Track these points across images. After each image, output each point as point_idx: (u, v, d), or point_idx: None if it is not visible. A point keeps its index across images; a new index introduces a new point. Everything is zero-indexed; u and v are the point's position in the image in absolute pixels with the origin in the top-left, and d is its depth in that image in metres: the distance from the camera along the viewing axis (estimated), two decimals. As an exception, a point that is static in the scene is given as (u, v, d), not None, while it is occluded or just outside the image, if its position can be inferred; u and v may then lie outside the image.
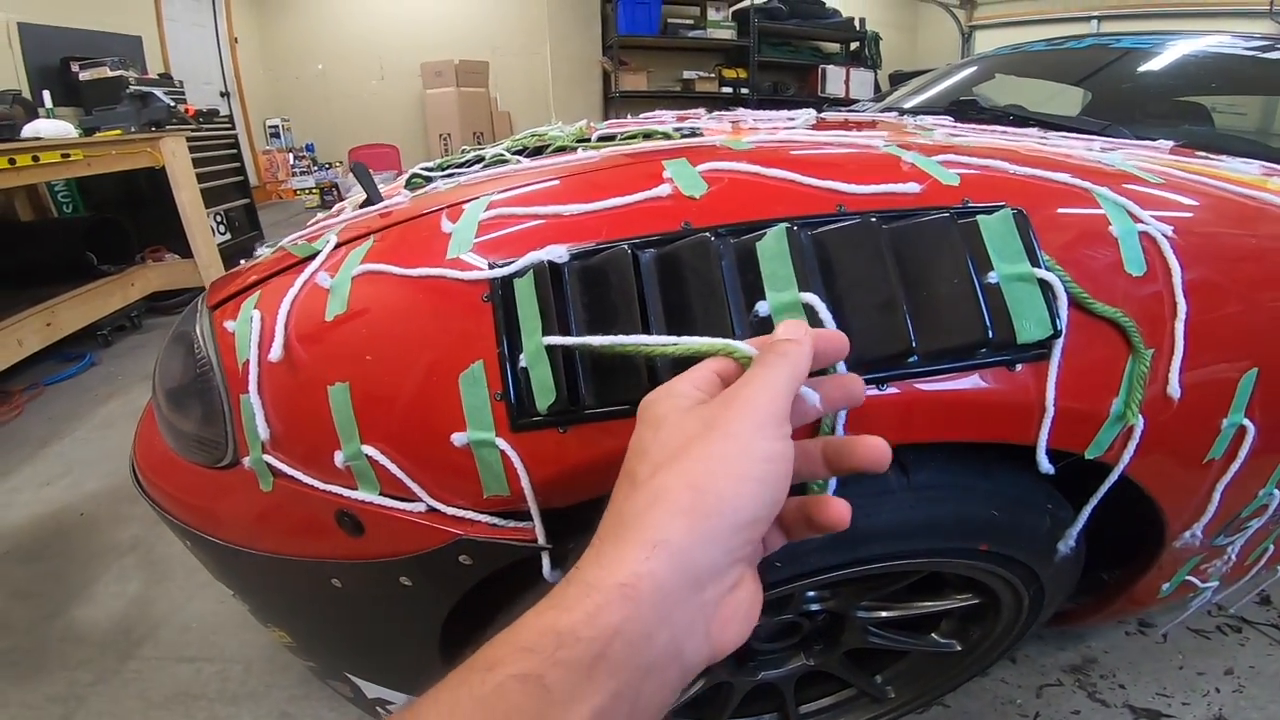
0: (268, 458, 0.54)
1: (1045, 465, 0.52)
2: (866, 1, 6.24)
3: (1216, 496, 0.63)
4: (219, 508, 0.61)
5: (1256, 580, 0.93)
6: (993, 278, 0.47)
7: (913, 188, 0.52)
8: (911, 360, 0.46)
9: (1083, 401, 0.51)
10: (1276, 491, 0.68)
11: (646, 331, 0.44)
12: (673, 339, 0.38)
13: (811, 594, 0.70)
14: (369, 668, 0.72)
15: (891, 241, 0.47)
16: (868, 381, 0.46)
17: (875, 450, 0.33)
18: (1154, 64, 1.38)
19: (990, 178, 0.57)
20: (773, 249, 0.45)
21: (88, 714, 1.00)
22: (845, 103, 5.35)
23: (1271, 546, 0.82)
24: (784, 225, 0.46)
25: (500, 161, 0.85)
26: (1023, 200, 0.52)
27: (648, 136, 0.84)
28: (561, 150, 0.84)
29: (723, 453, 0.27)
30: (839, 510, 0.32)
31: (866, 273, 0.45)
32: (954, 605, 0.74)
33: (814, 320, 0.43)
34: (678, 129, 0.87)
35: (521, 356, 0.45)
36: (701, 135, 0.85)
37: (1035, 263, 0.48)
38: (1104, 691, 0.98)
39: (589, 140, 0.88)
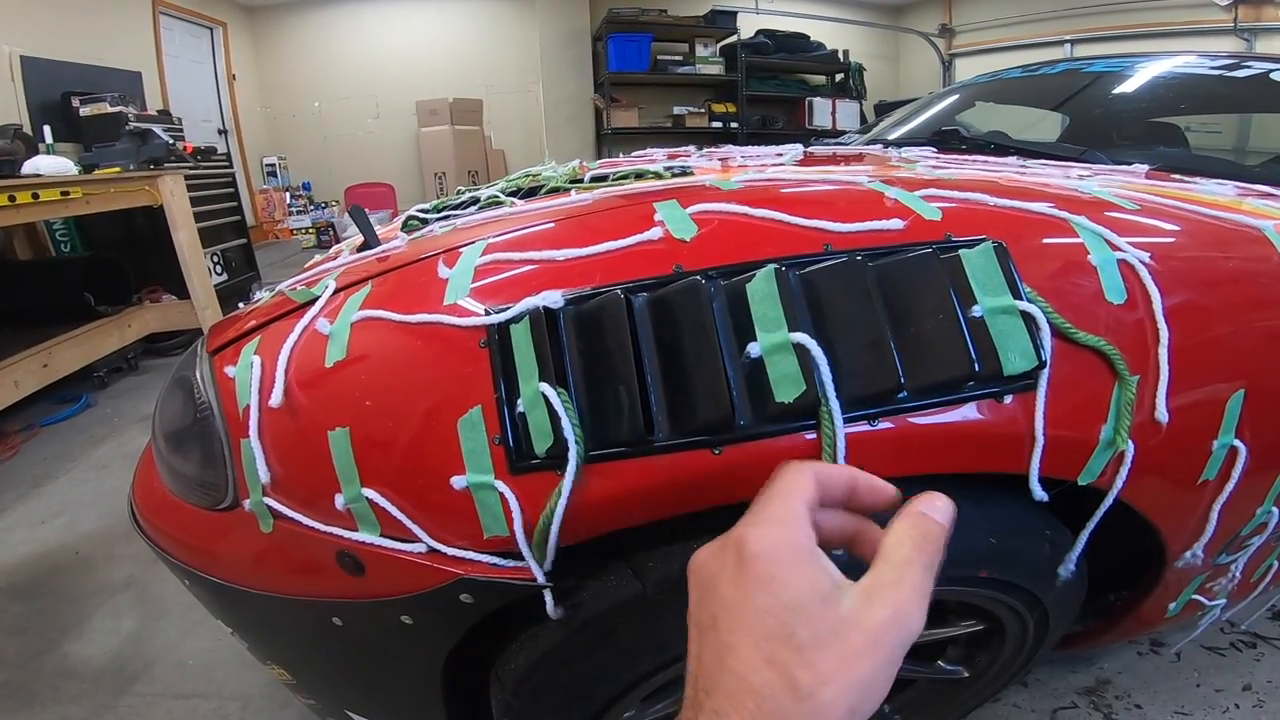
0: (268, 500, 0.55)
1: (1039, 493, 0.53)
2: (850, 33, 6.41)
3: (1214, 516, 0.64)
4: (218, 548, 0.62)
5: (1265, 596, 0.93)
6: (977, 311, 0.49)
7: (896, 224, 0.53)
8: (901, 396, 0.47)
9: (1072, 429, 0.52)
10: (1275, 509, 0.69)
11: (641, 372, 0.45)
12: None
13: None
14: (370, 705, 0.71)
15: (878, 279, 0.48)
16: (860, 418, 0.47)
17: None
18: (1125, 87, 1.42)
19: (971, 211, 0.58)
20: (762, 290, 0.46)
21: (81, 748, 0.99)
22: (833, 134, 5.46)
23: (1276, 563, 0.82)
24: (772, 266, 0.47)
25: (496, 203, 0.87)
26: (1003, 232, 0.54)
27: (639, 176, 0.86)
28: (555, 191, 0.86)
29: (872, 674, 0.27)
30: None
31: (854, 311, 0.47)
32: (959, 632, 0.74)
33: (804, 360, 0.45)
34: (669, 168, 0.89)
35: (519, 401, 0.47)
36: (692, 174, 0.88)
37: (1017, 295, 0.49)
38: (1120, 713, 0.97)
39: (582, 181, 0.90)
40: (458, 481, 0.47)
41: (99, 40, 4.10)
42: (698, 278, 0.48)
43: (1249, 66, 1.27)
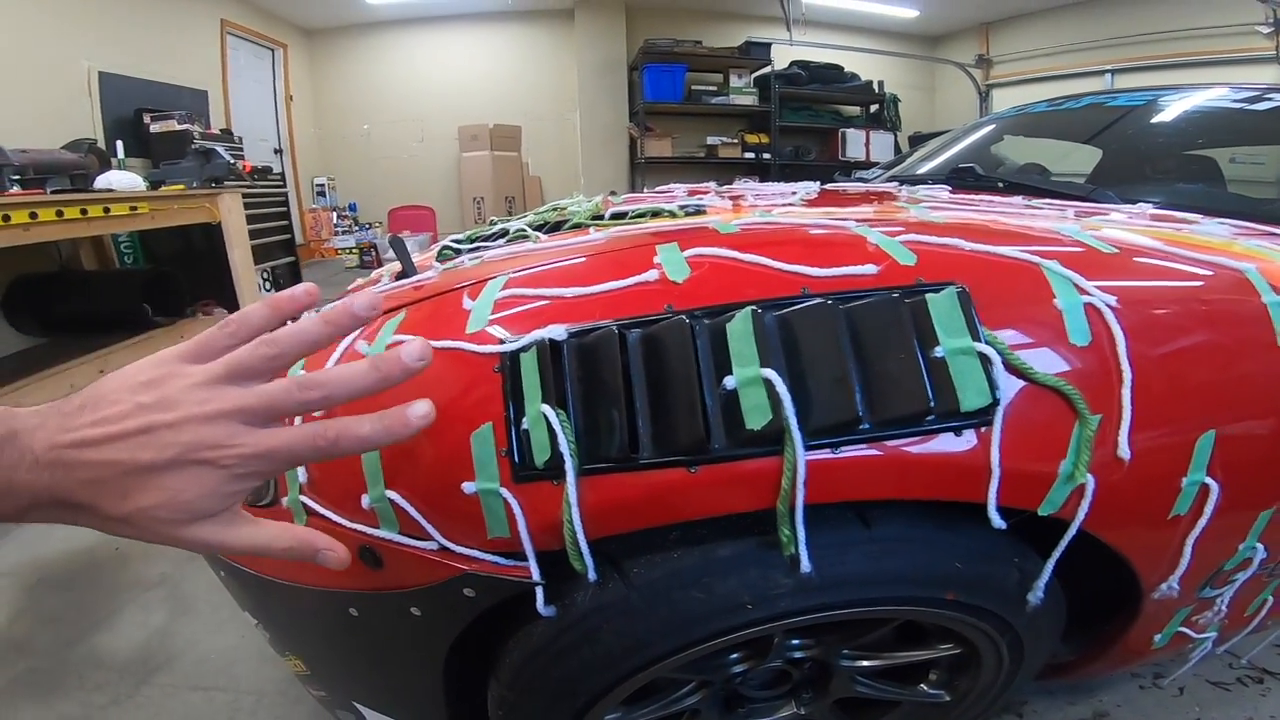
0: (303, 498, 0.62)
1: (997, 521, 0.56)
2: (885, 64, 6.44)
3: (1188, 551, 0.65)
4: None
5: (1265, 630, 0.92)
6: (939, 351, 0.53)
7: (870, 270, 0.59)
8: (863, 428, 0.52)
9: (1031, 463, 0.56)
10: (1259, 545, 0.69)
11: (630, 398, 0.51)
12: None
13: (794, 641, 0.74)
14: (376, 696, 0.77)
15: (846, 321, 0.54)
16: (824, 445, 0.52)
17: None
18: (1148, 120, 1.43)
19: (945, 255, 0.63)
20: (740, 330, 0.53)
21: (99, 734, 1.05)
22: (866, 165, 5.48)
23: (1270, 598, 0.82)
24: (750, 308, 0.53)
25: (522, 236, 0.95)
26: (972, 276, 0.58)
27: (655, 215, 0.93)
28: (577, 228, 0.93)
29: None
30: None
31: (822, 350, 0.52)
32: (932, 654, 0.77)
33: (771, 393, 0.50)
34: (683, 207, 0.96)
35: (524, 419, 0.53)
36: (705, 212, 0.94)
37: (976, 337, 0.54)
38: (1118, 745, 0.96)
39: (603, 217, 0.97)
40: (468, 487, 0.54)
41: (171, 58, 4.29)
42: (684, 317, 0.54)
43: (1271, 99, 1.27)
